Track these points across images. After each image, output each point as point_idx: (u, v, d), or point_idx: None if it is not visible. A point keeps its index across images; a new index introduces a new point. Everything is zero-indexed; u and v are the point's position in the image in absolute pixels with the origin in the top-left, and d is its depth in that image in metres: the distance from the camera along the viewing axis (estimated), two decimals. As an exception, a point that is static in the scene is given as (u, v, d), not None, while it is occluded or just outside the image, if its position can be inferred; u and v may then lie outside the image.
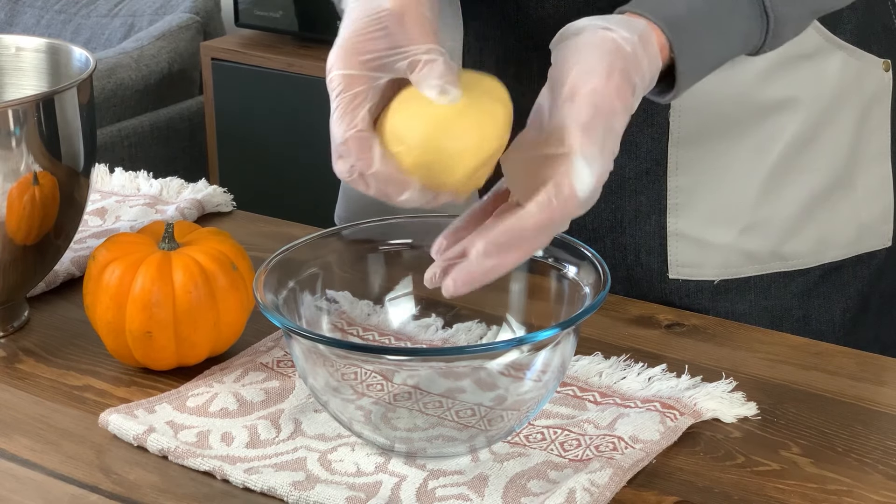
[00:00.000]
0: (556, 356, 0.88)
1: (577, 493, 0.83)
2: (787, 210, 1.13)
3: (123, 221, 1.26)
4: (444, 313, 1.01)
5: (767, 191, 1.12)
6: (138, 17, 3.21)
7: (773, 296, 1.15)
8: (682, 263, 1.13)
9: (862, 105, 1.15)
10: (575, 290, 0.93)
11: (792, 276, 1.15)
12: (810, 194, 1.14)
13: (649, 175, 1.12)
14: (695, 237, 1.13)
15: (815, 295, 1.16)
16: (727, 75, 1.06)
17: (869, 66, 1.14)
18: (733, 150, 1.11)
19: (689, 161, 1.11)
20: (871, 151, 1.16)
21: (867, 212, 1.17)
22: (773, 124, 1.11)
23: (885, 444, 0.91)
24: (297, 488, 0.86)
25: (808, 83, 1.11)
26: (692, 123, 1.10)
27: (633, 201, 1.13)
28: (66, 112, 1.03)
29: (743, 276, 1.14)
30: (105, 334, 0.99)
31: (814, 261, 1.15)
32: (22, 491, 0.88)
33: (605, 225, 1.14)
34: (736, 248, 1.13)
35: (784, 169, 1.12)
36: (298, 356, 0.89)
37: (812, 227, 1.14)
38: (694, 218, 1.12)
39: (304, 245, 0.96)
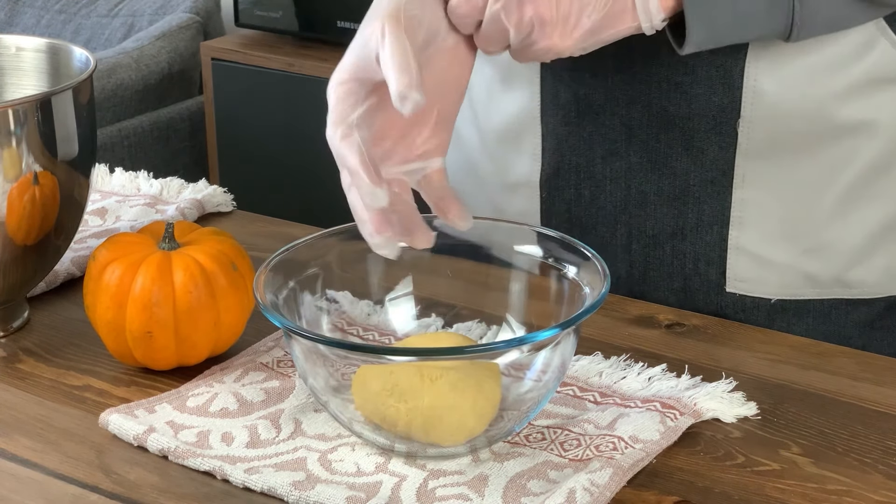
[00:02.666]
0: (557, 356, 0.89)
1: (577, 493, 0.83)
2: (856, 237, 1.09)
3: (124, 221, 1.26)
4: (444, 313, 1.01)
5: (836, 214, 1.09)
6: (138, 17, 3.22)
7: (833, 322, 1.12)
8: (741, 278, 1.11)
9: None
10: (575, 290, 0.93)
11: (855, 305, 1.12)
12: (883, 223, 1.10)
13: (714, 185, 1.09)
14: (755, 253, 1.10)
15: (878, 327, 1.13)
16: (804, 91, 1.05)
17: None
18: (804, 168, 1.08)
19: (757, 174, 1.08)
20: None
21: None
22: (849, 146, 1.07)
23: (885, 444, 0.91)
24: (297, 488, 0.86)
25: (890, 108, 1.07)
26: (762, 136, 1.07)
27: (696, 210, 1.10)
28: (67, 112, 1.03)
29: (802, 297, 1.11)
30: (105, 334, 0.99)
31: (880, 291, 1.12)
32: (22, 491, 0.88)
33: (666, 231, 1.12)
34: (797, 268, 1.10)
35: (856, 194, 1.08)
36: (298, 356, 0.89)
37: (881, 257, 1.10)
38: (756, 233, 1.09)
39: (304, 245, 0.96)
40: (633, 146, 1.10)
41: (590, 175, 1.13)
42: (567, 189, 1.14)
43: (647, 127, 1.09)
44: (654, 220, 1.12)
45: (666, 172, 1.10)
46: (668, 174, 1.10)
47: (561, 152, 1.13)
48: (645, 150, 1.10)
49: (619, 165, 1.11)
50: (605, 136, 1.11)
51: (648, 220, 1.12)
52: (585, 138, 1.11)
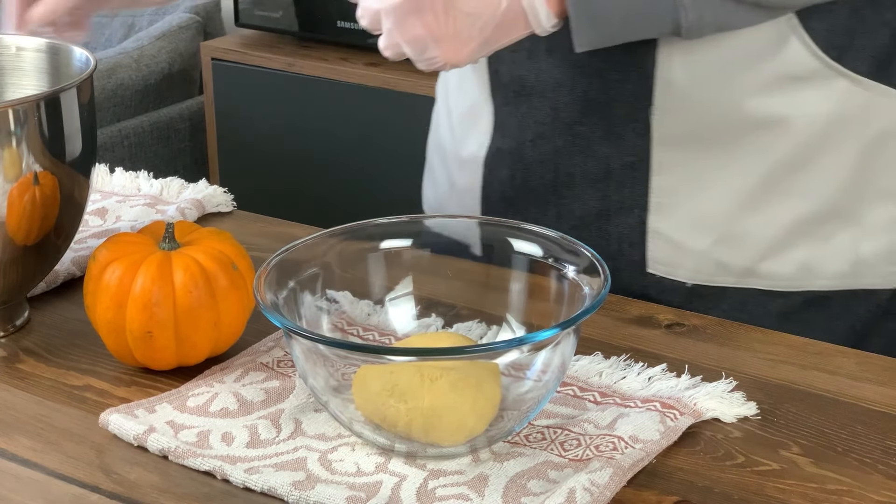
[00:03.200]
0: (556, 356, 0.89)
1: (577, 492, 0.83)
2: (768, 230, 1.12)
3: (124, 221, 1.26)
4: (444, 313, 1.01)
5: (748, 206, 1.11)
6: (138, 17, 3.21)
7: (749, 311, 1.13)
8: (659, 261, 1.14)
9: (870, 137, 1.10)
10: (575, 290, 0.93)
11: (771, 297, 1.13)
12: (797, 219, 1.11)
13: (634, 169, 1.12)
14: (672, 238, 1.13)
15: (795, 321, 1.13)
16: (716, 84, 1.07)
17: (882, 97, 1.09)
18: (717, 159, 1.10)
19: (672, 163, 1.11)
20: (881, 187, 1.12)
21: (869, 248, 1.12)
22: (762, 142, 1.09)
23: (885, 444, 0.91)
24: (298, 488, 0.86)
25: (802, 106, 1.08)
26: (676, 126, 1.10)
27: (619, 193, 1.14)
28: (67, 112, 1.03)
29: (716, 284, 1.14)
30: (105, 334, 0.99)
31: (795, 286, 1.13)
32: (22, 491, 0.88)
33: (591, 212, 1.15)
34: (710, 256, 1.13)
35: (769, 188, 1.11)
36: (298, 356, 0.89)
37: (795, 252, 1.12)
38: (672, 219, 1.13)
39: (304, 245, 0.96)
40: (559, 129, 1.14)
41: (520, 157, 1.17)
42: (502, 169, 1.19)
43: (572, 111, 1.13)
44: (580, 202, 1.15)
45: (590, 155, 1.13)
46: (591, 157, 1.13)
47: (502, 132, 1.17)
48: (570, 133, 1.13)
49: (548, 148, 1.15)
50: (535, 119, 1.15)
51: (575, 202, 1.16)
52: (520, 120, 1.16)
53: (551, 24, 0.99)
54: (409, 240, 1.00)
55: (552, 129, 1.14)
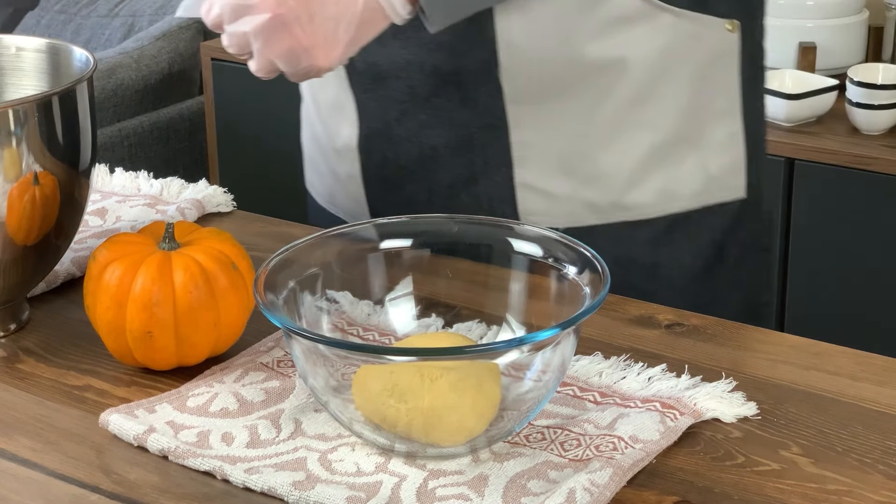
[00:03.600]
0: (556, 356, 0.89)
1: (577, 492, 0.83)
2: (625, 164, 1.19)
3: (124, 221, 1.26)
4: (444, 313, 1.01)
5: (603, 145, 1.18)
6: (138, 17, 3.22)
7: (620, 244, 1.21)
8: (531, 212, 1.21)
9: (701, 64, 1.19)
10: (575, 290, 0.93)
11: (637, 226, 1.21)
12: (649, 149, 1.19)
13: (493, 130, 1.18)
14: (540, 188, 1.20)
15: (663, 244, 1.22)
16: (554, 36, 1.14)
17: (707, 27, 1.18)
18: (567, 107, 1.17)
19: (528, 117, 1.18)
20: (718, 108, 1.21)
21: (716, 165, 1.22)
22: (604, 83, 1.16)
23: (885, 444, 0.91)
24: (298, 488, 0.86)
25: (635, 45, 1.16)
26: (524, 83, 1.16)
27: (482, 155, 1.19)
28: (67, 112, 1.03)
29: (588, 224, 1.20)
30: (105, 334, 0.99)
31: (658, 211, 1.21)
32: (22, 491, 0.88)
33: (459, 180, 1.21)
34: (578, 198, 1.20)
35: (619, 124, 1.18)
36: (299, 356, 0.89)
37: (654, 180, 1.20)
38: (537, 170, 1.19)
39: (304, 245, 0.96)
40: (418, 105, 1.20)
41: (388, 137, 1.22)
42: (376, 152, 1.25)
43: (427, 86, 1.19)
44: (448, 171, 1.21)
45: (450, 125, 1.19)
46: (451, 126, 1.19)
47: (367, 118, 1.23)
48: (428, 106, 1.20)
49: (411, 125, 1.21)
50: (395, 99, 1.21)
51: (444, 172, 1.21)
52: (381, 103, 1.22)
53: (407, 12, 1.04)
54: (409, 240, 1.00)
55: (412, 106, 1.20)
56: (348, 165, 1.27)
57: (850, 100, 2.36)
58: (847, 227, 2.32)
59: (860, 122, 2.36)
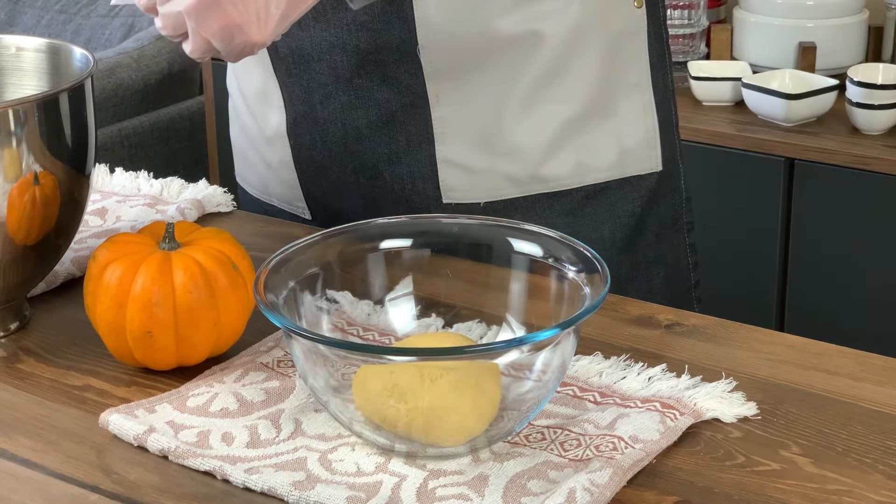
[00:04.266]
0: (556, 356, 0.89)
1: (577, 492, 0.83)
2: (541, 136, 1.22)
3: (124, 221, 1.26)
4: (444, 313, 1.01)
5: (520, 118, 1.21)
6: (138, 17, 3.22)
7: (539, 216, 1.24)
8: (452, 188, 1.23)
9: (611, 39, 1.23)
10: (575, 290, 0.93)
11: (556, 198, 1.24)
12: (564, 121, 1.22)
13: (414, 107, 1.21)
14: (460, 163, 1.23)
15: (581, 215, 1.25)
16: (468, 13, 1.17)
17: (615, 3, 1.23)
18: (484, 81, 1.20)
19: (447, 93, 1.20)
20: (629, 81, 1.25)
21: (630, 137, 1.25)
22: (519, 57, 1.20)
23: (885, 444, 0.91)
24: (298, 488, 0.86)
25: (549, 19, 1.19)
26: (442, 59, 1.19)
27: (404, 133, 1.22)
28: (67, 112, 1.03)
29: (507, 197, 1.23)
30: (105, 334, 1.00)
31: (575, 183, 1.24)
32: (22, 491, 0.88)
33: (382, 159, 1.23)
34: (497, 171, 1.23)
35: (534, 98, 1.21)
36: (299, 356, 0.89)
37: (569, 152, 1.23)
38: (457, 145, 1.22)
39: (304, 245, 0.96)
40: (341, 87, 1.22)
41: (315, 120, 1.25)
42: (304, 136, 1.27)
43: (348, 67, 1.21)
44: (371, 151, 1.23)
45: (372, 105, 1.21)
46: (373, 106, 1.22)
47: (293, 102, 1.26)
48: (350, 87, 1.22)
49: (334, 107, 1.24)
50: (318, 82, 1.23)
51: (366, 152, 1.24)
52: (305, 86, 1.24)
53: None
54: (409, 240, 1.00)
55: (335, 88, 1.23)
56: (279, 152, 1.30)
57: (850, 100, 2.36)
58: (847, 227, 2.32)
59: (860, 122, 2.36)
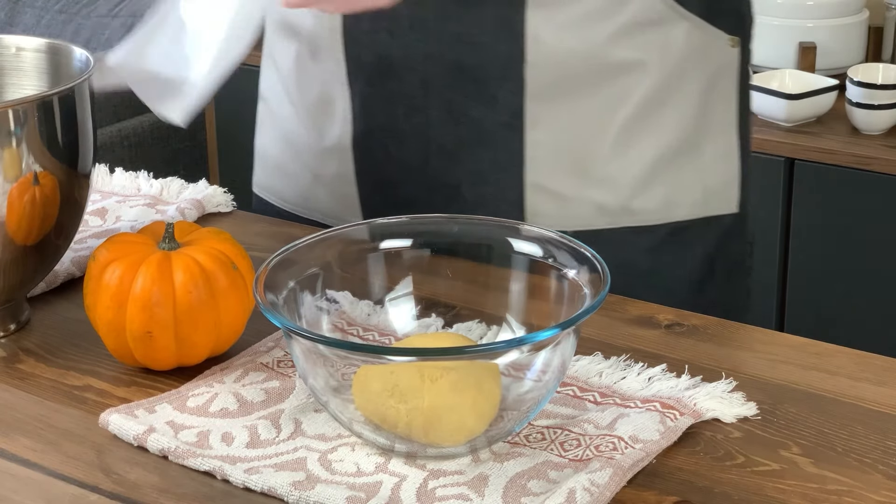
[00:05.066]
0: (556, 356, 0.89)
1: (577, 493, 0.83)
2: (635, 167, 1.20)
3: (124, 221, 1.26)
4: (444, 313, 1.01)
5: (618, 147, 1.19)
6: (138, 17, 3.21)
7: (624, 250, 1.21)
8: (539, 214, 1.20)
9: (708, 75, 1.22)
10: (575, 290, 0.93)
11: (641, 233, 1.22)
12: (658, 154, 1.21)
13: (508, 128, 1.18)
14: (550, 189, 1.20)
15: (664, 252, 1.23)
16: (579, 35, 1.15)
17: (715, 39, 1.21)
18: (585, 106, 1.18)
19: (545, 115, 1.18)
20: (717, 121, 1.24)
21: (713, 177, 1.24)
22: (622, 84, 1.18)
23: (885, 444, 0.91)
24: (298, 488, 0.86)
25: (656, 48, 1.18)
26: (546, 79, 1.17)
27: (493, 153, 1.19)
28: (66, 112, 1.03)
29: (595, 228, 1.21)
30: (105, 334, 0.99)
31: (661, 218, 1.22)
32: (22, 491, 0.88)
33: (465, 179, 1.20)
34: (588, 200, 1.20)
35: (634, 127, 1.19)
36: (298, 356, 0.89)
37: (659, 186, 1.21)
38: (549, 170, 1.19)
39: (304, 245, 0.96)
40: (431, 100, 1.19)
41: (393, 133, 1.21)
42: (376, 149, 1.23)
43: (443, 80, 1.18)
44: (453, 170, 1.20)
45: (463, 121, 1.18)
46: (465, 123, 1.18)
47: (368, 113, 1.21)
48: (442, 102, 1.19)
49: (419, 121, 1.20)
50: (405, 93, 1.20)
51: (448, 171, 1.21)
52: (388, 97, 1.20)
53: None
54: (409, 240, 1.00)
55: (424, 101, 1.19)
56: (337, 165, 1.25)
57: (850, 100, 2.36)
58: (847, 227, 2.32)
59: (860, 122, 2.36)
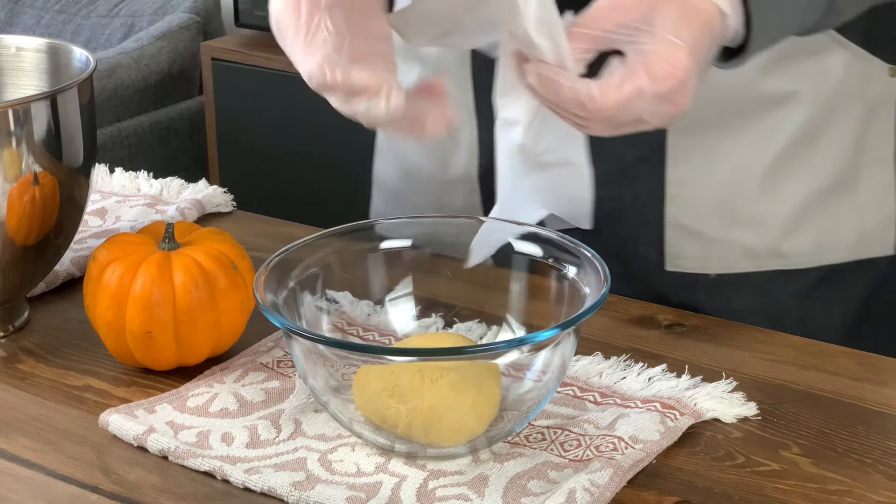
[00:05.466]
0: (557, 356, 0.89)
1: (577, 493, 0.83)
2: (787, 207, 1.12)
3: (124, 221, 1.26)
4: (444, 313, 1.01)
5: (767, 186, 1.11)
6: (138, 17, 3.22)
7: (772, 294, 1.13)
8: (680, 255, 1.12)
9: (865, 107, 1.13)
10: (575, 290, 0.93)
11: (790, 276, 1.13)
12: (811, 192, 1.12)
13: (648, 163, 1.10)
14: (693, 229, 1.12)
15: (815, 297, 1.14)
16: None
17: (874, 69, 1.13)
18: (733, 141, 1.10)
19: (688, 150, 1.10)
20: (874, 156, 1.15)
21: (870, 217, 1.15)
22: (774, 117, 1.10)
23: (885, 444, 0.91)
24: (298, 488, 0.86)
25: (811, 78, 1.10)
26: (692, 112, 1.05)
27: (632, 189, 1.12)
28: (66, 112, 1.03)
29: (740, 271, 1.13)
30: (105, 334, 0.99)
31: (813, 261, 1.14)
32: (22, 491, 0.88)
33: (603, 214, 1.12)
34: (733, 242, 1.12)
35: (785, 164, 1.11)
36: (298, 356, 0.89)
37: (812, 227, 1.13)
38: (692, 209, 1.11)
39: (304, 245, 0.96)
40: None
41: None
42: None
43: None
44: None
45: (601, 155, 1.08)
46: (603, 156, 1.08)
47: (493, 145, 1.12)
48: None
49: None
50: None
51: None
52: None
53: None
54: (409, 240, 1.00)
55: None
56: (465, 197, 1.18)
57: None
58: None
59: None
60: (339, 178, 2.75)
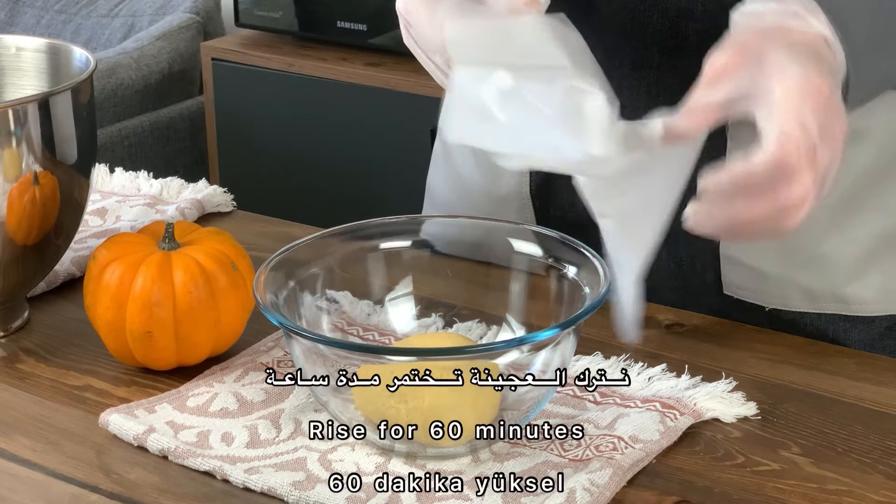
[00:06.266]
0: (556, 356, 0.89)
1: (577, 493, 0.83)
2: (850, 250, 1.07)
3: (124, 221, 1.26)
4: (444, 313, 1.01)
5: (830, 226, 1.06)
6: (138, 17, 3.21)
7: (832, 339, 1.08)
8: (735, 284, 1.09)
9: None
10: (575, 290, 0.93)
11: (854, 322, 1.08)
12: (877, 236, 1.07)
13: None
14: (747, 264, 1.08)
15: (880, 348, 1.09)
16: None
17: None
18: None
19: None
20: None
21: None
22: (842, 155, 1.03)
23: (885, 444, 0.91)
24: (297, 488, 0.86)
25: (882, 114, 1.04)
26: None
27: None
28: (67, 112, 1.03)
29: (798, 309, 1.09)
30: (105, 334, 0.99)
31: (879, 310, 1.08)
32: (22, 491, 0.88)
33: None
34: (791, 281, 1.08)
35: (852, 204, 1.06)
36: (298, 356, 0.89)
37: (878, 273, 1.07)
38: (747, 245, 1.07)
39: (304, 245, 0.96)
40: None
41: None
42: (559, 195, 1.13)
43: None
44: None
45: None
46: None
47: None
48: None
49: None
50: None
51: None
52: None
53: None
54: (409, 240, 1.00)
55: None
56: (518, 213, 1.15)
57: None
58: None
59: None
60: (339, 177, 2.75)
